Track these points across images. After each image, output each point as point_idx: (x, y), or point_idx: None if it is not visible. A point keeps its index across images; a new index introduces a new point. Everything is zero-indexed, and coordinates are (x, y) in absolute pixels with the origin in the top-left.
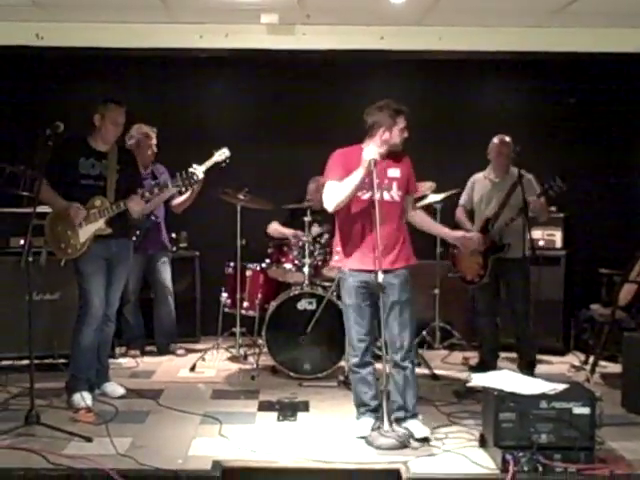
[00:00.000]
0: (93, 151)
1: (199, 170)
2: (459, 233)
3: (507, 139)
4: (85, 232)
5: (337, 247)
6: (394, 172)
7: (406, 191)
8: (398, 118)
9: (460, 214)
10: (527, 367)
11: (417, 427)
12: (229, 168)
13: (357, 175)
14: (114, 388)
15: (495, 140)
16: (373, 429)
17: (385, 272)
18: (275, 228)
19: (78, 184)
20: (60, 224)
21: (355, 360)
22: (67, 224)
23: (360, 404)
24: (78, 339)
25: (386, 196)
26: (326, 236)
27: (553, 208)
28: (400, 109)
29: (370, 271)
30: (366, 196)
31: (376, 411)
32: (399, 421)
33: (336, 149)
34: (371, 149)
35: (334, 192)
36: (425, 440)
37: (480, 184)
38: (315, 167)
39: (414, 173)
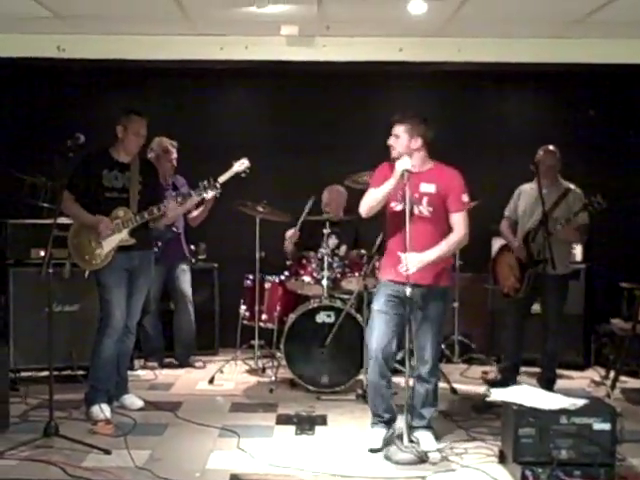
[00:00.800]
0: (116, 163)
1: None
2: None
3: (551, 148)
4: (109, 243)
5: (383, 258)
6: (427, 187)
7: (444, 209)
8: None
9: (504, 227)
10: (547, 383)
11: (426, 439)
12: (248, 180)
13: (388, 183)
14: (133, 400)
15: (540, 150)
16: (387, 442)
17: (416, 286)
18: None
19: (102, 197)
20: (84, 235)
21: (373, 372)
22: (91, 235)
23: (374, 415)
24: (98, 350)
25: (415, 210)
26: (344, 248)
27: None
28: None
29: (402, 283)
30: (398, 208)
31: (388, 423)
32: (412, 428)
33: (355, 160)
34: (404, 160)
35: (368, 197)
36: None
37: (526, 195)
38: (334, 178)
39: (461, 189)
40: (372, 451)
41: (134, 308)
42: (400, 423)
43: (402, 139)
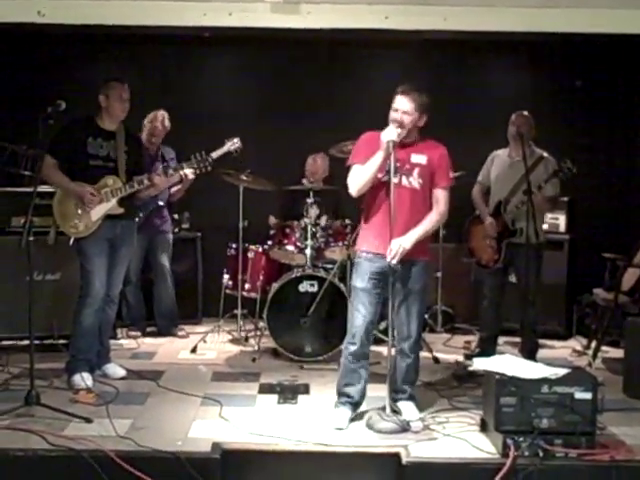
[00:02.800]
0: (101, 130)
1: (190, 174)
2: None
3: (524, 113)
4: (97, 212)
5: (361, 230)
6: (419, 158)
7: (431, 181)
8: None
9: (476, 193)
10: (529, 352)
11: (408, 409)
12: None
13: (377, 158)
14: (115, 370)
15: (513, 115)
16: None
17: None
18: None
19: (87, 165)
20: (70, 202)
21: (353, 348)
22: (78, 202)
23: (343, 393)
24: (78, 320)
25: (404, 182)
26: (324, 217)
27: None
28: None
29: (383, 255)
30: (385, 179)
31: (356, 405)
32: (393, 400)
33: (339, 129)
34: (389, 130)
35: (356, 176)
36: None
37: (499, 161)
38: (318, 147)
39: (449, 166)
40: (338, 430)
41: (116, 278)
42: (362, 406)
43: (412, 116)
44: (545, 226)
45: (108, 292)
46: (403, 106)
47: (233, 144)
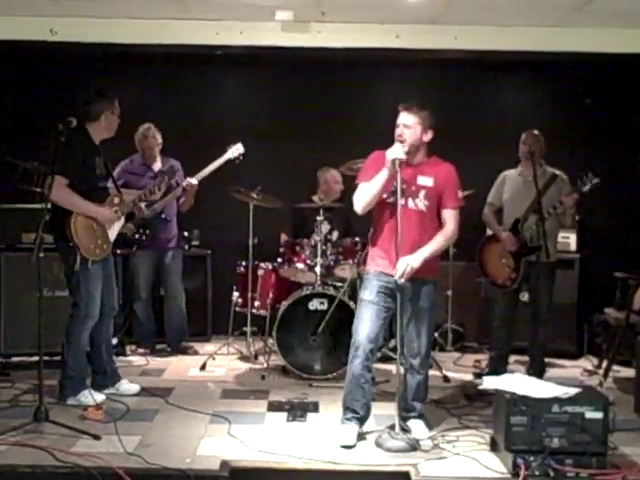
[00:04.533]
0: (97, 148)
1: (188, 180)
2: None
3: (535, 131)
4: (113, 231)
5: (369, 249)
6: (425, 180)
7: (439, 202)
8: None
9: (488, 214)
10: (536, 373)
11: (418, 427)
12: (241, 166)
13: (381, 175)
14: (129, 386)
15: (523, 134)
16: (359, 439)
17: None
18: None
19: (96, 186)
20: (89, 224)
21: (357, 363)
22: (95, 224)
23: (348, 408)
24: (77, 340)
25: (410, 204)
26: (336, 234)
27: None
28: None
29: (392, 275)
30: (390, 200)
31: (362, 420)
32: (403, 419)
33: (349, 147)
34: (394, 148)
35: (361, 193)
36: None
37: (511, 180)
38: (328, 165)
39: (456, 186)
40: (345, 447)
41: (115, 291)
42: (372, 424)
43: (415, 130)
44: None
45: (113, 305)
46: (404, 120)
47: (235, 151)
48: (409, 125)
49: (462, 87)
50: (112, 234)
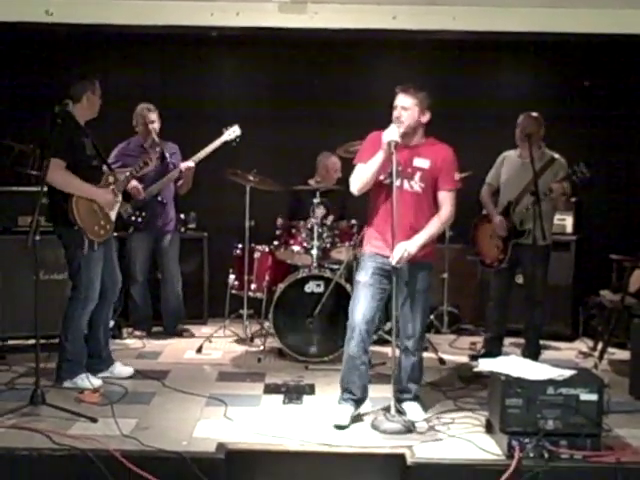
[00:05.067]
0: (83, 129)
1: (185, 163)
2: None
3: (533, 114)
4: (113, 211)
5: (365, 231)
6: (421, 162)
7: (435, 184)
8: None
9: (485, 194)
10: (531, 355)
11: (413, 410)
12: (238, 148)
13: (378, 157)
14: (122, 369)
15: (521, 116)
16: (354, 420)
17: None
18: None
19: (90, 166)
20: (90, 205)
21: (353, 345)
22: (96, 205)
23: (345, 390)
24: (78, 325)
25: (406, 185)
26: (331, 217)
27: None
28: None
29: (387, 256)
30: (387, 181)
31: (358, 403)
32: (398, 401)
33: (346, 129)
34: (390, 130)
35: (358, 174)
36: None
37: (510, 161)
38: (325, 147)
39: (453, 168)
40: (338, 427)
41: (118, 275)
42: (368, 406)
43: (412, 112)
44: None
45: (115, 290)
46: (402, 102)
47: (232, 133)
48: (406, 107)
49: (460, 68)
50: (112, 214)
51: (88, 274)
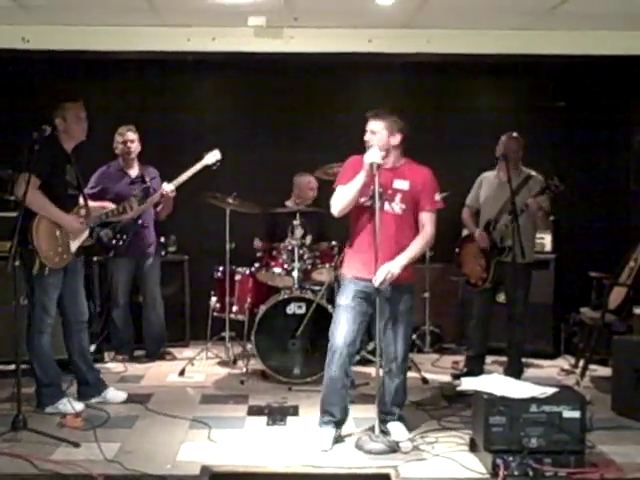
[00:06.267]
0: (68, 156)
1: (166, 186)
2: None
3: (514, 135)
4: (75, 242)
5: (346, 254)
6: (401, 184)
7: (416, 206)
8: None
9: (466, 215)
10: (514, 373)
11: (397, 430)
12: (217, 172)
13: (359, 178)
14: (115, 394)
15: (503, 137)
16: (336, 442)
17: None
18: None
19: (65, 193)
20: (53, 230)
21: (334, 368)
22: (61, 232)
23: (326, 412)
24: (43, 350)
25: (387, 207)
26: (309, 238)
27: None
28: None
29: (369, 280)
30: (368, 203)
31: (339, 424)
32: (382, 422)
33: (324, 152)
34: (372, 152)
35: (339, 196)
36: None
37: (488, 182)
38: (301, 169)
39: (434, 188)
40: (322, 451)
41: (82, 303)
42: (351, 427)
43: (380, 135)
44: None
45: (80, 319)
46: (371, 127)
47: (213, 157)
48: (375, 131)
49: (436, 90)
50: (74, 245)
51: (41, 299)
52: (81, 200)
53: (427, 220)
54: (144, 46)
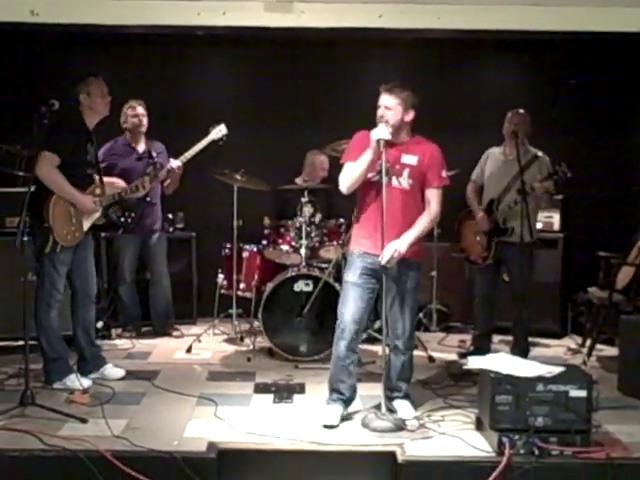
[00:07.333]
0: (89, 134)
1: (174, 162)
2: None
3: (521, 111)
4: (88, 221)
5: (353, 229)
6: (409, 159)
7: (423, 181)
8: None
9: (470, 191)
10: (520, 353)
11: (404, 407)
12: (226, 148)
13: (366, 155)
14: (113, 371)
15: (509, 113)
16: (344, 419)
17: None
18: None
19: (84, 173)
20: (67, 208)
21: (342, 344)
22: (74, 210)
23: (334, 390)
24: (51, 324)
25: (394, 182)
26: (319, 216)
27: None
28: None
29: (376, 255)
30: (375, 179)
31: (348, 402)
32: (389, 399)
33: (333, 128)
34: (380, 129)
35: (347, 173)
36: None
37: (493, 159)
38: (312, 146)
39: (441, 165)
40: (328, 427)
41: (92, 277)
42: (358, 405)
43: (395, 111)
44: (539, 225)
45: (88, 292)
46: (385, 102)
47: (218, 132)
48: (390, 106)
49: (446, 66)
50: (87, 224)
51: (50, 274)
52: (97, 179)
53: (433, 196)
54: (153, 20)
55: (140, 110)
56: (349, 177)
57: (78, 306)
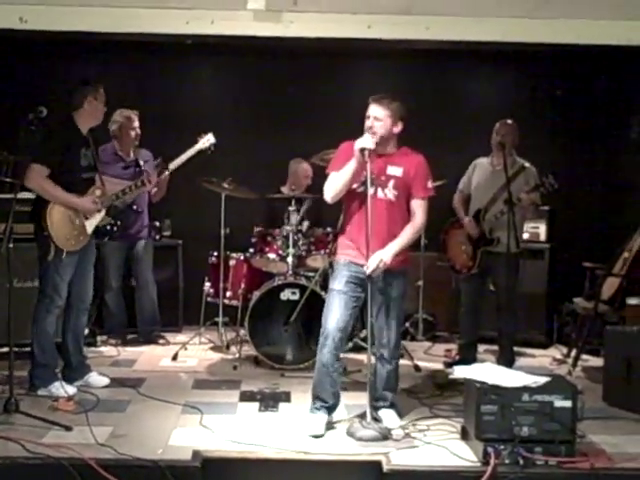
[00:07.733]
0: (85, 138)
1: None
2: None
3: (509, 121)
4: (91, 223)
5: (339, 239)
6: (395, 170)
7: (408, 193)
8: None
9: (457, 201)
10: (506, 362)
11: (389, 417)
12: (213, 156)
13: (350, 165)
14: (98, 379)
15: (497, 124)
16: (329, 428)
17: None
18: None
19: (79, 178)
20: (66, 214)
21: (326, 352)
22: (74, 214)
23: (317, 398)
24: (46, 330)
25: (380, 193)
26: (306, 224)
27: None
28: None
29: (361, 265)
30: (360, 189)
31: (331, 409)
32: (374, 409)
33: (321, 138)
34: (364, 138)
35: (331, 182)
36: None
37: (481, 169)
38: (299, 155)
39: (426, 176)
40: (314, 437)
41: (90, 285)
42: (343, 414)
43: (385, 123)
44: (525, 235)
45: (84, 299)
46: (374, 113)
47: (206, 141)
48: (379, 117)
49: (434, 77)
50: (90, 226)
51: (54, 279)
52: (97, 181)
53: (419, 207)
54: (143, 28)
55: (137, 122)
56: (333, 187)
57: (71, 313)
